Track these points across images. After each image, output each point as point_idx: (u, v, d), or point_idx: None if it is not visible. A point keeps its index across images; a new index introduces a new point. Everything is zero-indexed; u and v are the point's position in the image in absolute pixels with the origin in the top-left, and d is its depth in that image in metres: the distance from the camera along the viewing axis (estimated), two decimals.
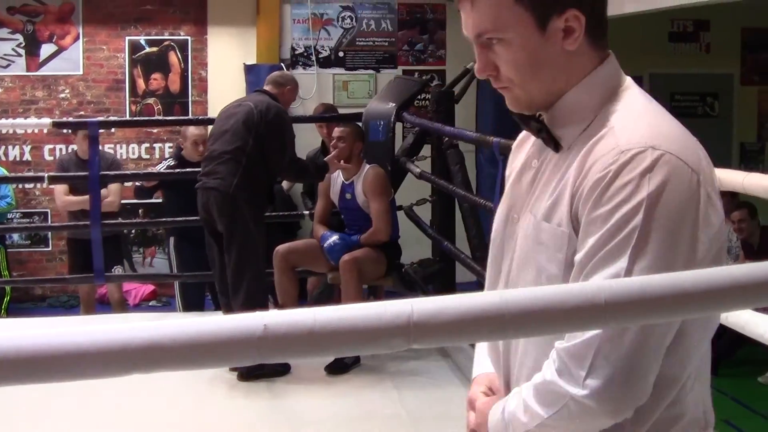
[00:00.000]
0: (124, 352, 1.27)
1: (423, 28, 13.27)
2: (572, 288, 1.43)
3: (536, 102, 2.14)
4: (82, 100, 12.49)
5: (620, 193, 1.89)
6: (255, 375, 7.10)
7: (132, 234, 12.59)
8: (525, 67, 2.07)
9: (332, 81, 13.00)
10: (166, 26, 12.68)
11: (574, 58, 2.08)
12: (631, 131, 1.96)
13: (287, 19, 12.88)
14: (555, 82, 2.09)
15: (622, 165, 1.91)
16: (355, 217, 7.94)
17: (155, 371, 1.30)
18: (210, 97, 12.68)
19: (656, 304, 1.44)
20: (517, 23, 2.03)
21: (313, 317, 1.32)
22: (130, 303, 12.00)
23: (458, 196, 7.89)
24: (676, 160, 1.90)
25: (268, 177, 7.55)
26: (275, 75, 8.09)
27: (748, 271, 1.48)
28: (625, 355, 1.87)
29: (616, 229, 1.89)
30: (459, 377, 7.17)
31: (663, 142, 1.92)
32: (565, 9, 2.02)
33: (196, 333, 1.29)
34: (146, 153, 12.59)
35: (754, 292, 1.48)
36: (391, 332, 1.32)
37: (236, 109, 7.52)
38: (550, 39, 2.04)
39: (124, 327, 1.29)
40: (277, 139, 7.40)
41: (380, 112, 9.08)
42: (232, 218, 7.18)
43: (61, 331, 1.27)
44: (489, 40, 2.09)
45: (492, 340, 2.26)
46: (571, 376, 1.91)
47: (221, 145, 7.35)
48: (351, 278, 7.39)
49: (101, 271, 8.81)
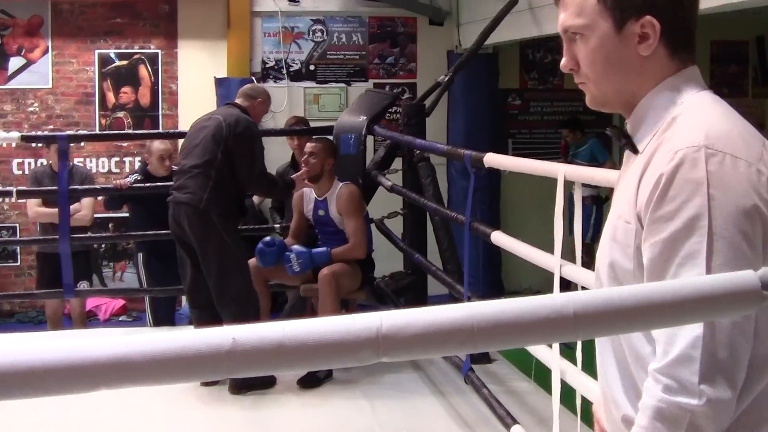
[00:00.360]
0: (92, 367, 1.26)
1: (394, 41, 13.29)
2: (541, 300, 1.43)
3: (610, 101, 2.21)
4: (52, 113, 12.43)
5: (679, 194, 1.93)
6: (246, 387, 7.15)
7: (102, 248, 12.53)
8: (599, 65, 2.14)
9: (303, 94, 13.00)
10: (136, 39, 12.64)
11: (648, 63, 2.12)
12: (688, 133, 2.00)
13: (258, 33, 12.87)
14: (627, 83, 2.15)
15: (676, 165, 1.94)
16: (329, 232, 7.93)
17: (123, 387, 1.29)
18: (180, 111, 12.65)
19: (624, 316, 1.45)
20: (596, 21, 2.12)
21: (282, 330, 1.31)
22: (100, 318, 11.96)
23: (430, 209, 7.89)
24: (731, 159, 1.93)
25: (239, 190, 7.52)
26: (246, 88, 8.10)
27: (713, 282, 1.49)
28: (726, 344, 1.88)
29: (683, 229, 1.92)
30: (431, 389, 7.18)
31: (717, 142, 1.95)
32: (643, 14, 2.08)
33: (164, 348, 1.28)
34: (116, 167, 12.53)
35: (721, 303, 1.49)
36: (359, 345, 1.32)
37: (206, 122, 7.51)
38: (626, 41, 2.11)
39: (91, 342, 1.28)
40: (246, 152, 7.39)
41: (351, 125, 9.08)
42: (205, 232, 7.17)
43: (27, 348, 1.26)
44: (573, 35, 2.18)
45: (462, 353, 2.28)
46: (684, 389, 1.90)
47: (191, 159, 7.34)
48: (329, 291, 7.38)
49: (71, 286, 8.77)
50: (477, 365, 7.04)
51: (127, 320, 12.03)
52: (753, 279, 1.49)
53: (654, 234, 1.97)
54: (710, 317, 1.66)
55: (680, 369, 1.90)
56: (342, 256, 7.64)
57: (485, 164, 5.93)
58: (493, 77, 13.05)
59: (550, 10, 9.75)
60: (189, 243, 7.31)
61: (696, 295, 1.48)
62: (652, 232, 1.97)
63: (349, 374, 7.47)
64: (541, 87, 13.77)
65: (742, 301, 1.50)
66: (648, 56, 2.11)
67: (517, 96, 13.73)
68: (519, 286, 13.14)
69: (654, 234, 1.97)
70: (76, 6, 12.43)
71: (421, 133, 8.65)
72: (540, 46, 13.55)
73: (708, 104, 2.09)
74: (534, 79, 13.75)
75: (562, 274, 4.81)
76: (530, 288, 12.84)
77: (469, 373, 6.58)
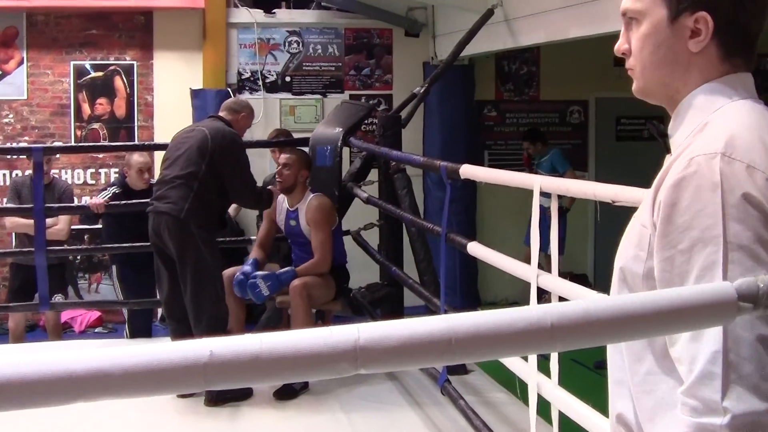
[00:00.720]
0: (69, 380, 1.26)
1: (370, 53, 13.30)
2: (519, 312, 1.43)
3: (653, 92, 2.18)
4: (27, 125, 12.40)
5: (693, 203, 1.87)
6: (222, 399, 7.12)
7: (78, 260, 12.49)
8: (648, 52, 2.11)
9: (279, 106, 13.00)
10: (111, 51, 12.62)
11: (696, 60, 2.07)
12: (710, 139, 1.94)
13: (234, 44, 12.87)
14: (673, 78, 2.10)
15: (691, 173, 1.89)
16: (300, 243, 7.94)
17: (100, 399, 1.29)
18: (156, 122, 12.64)
19: (601, 327, 1.45)
20: (652, 8, 2.08)
21: (260, 343, 1.31)
22: (75, 329, 11.91)
23: (406, 221, 7.89)
24: (747, 168, 1.87)
25: (221, 202, 7.56)
26: (230, 102, 8.12)
27: (690, 294, 1.49)
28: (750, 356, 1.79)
29: (698, 240, 1.85)
30: (408, 400, 7.17)
31: (736, 150, 1.89)
32: (698, 10, 2.03)
33: (141, 360, 1.28)
34: (92, 178, 12.51)
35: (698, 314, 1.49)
36: (337, 357, 1.32)
37: (190, 134, 7.52)
38: (677, 33, 2.06)
39: (68, 355, 1.28)
40: (234, 165, 7.42)
41: (327, 136, 9.08)
42: (184, 243, 7.17)
43: (3, 361, 1.25)
44: (630, 19, 2.15)
45: (441, 364, 2.25)
46: (708, 408, 1.81)
47: (174, 170, 7.34)
48: (301, 303, 7.37)
49: (46, 298, 8.74)
50: (454, 376, 7.05)
51: (102, 332, 11.98)
52: (729, 290, 1.49)
53: (668, 246, 1.90)
54: (687, 329, 1.66)
55: (702, 388, 1.82)
56: (307, 272, 7.61)
57: (461, 175, 5.93)
58: (468, 89, 13.08)
59: (526, 21, 9.79)
60: (168, 253, 7.31)
61: (672, 306, 1.48)
62: (665, 245, 1.91)
63: (325, 385, 7.45)
64: (517, 98, 13.79)
65: (718, 313, 1.51)
66: (697, 53, 2.06)
67: (493, 107, 13.75)
68: (495, 297, 13.16)
69: (668, 246, 1.90)
70: (52, 17, 12.41)
71: (397, 144, 8.65)
72: (516, 58, 13.58)
73: (743, 112, 2.02)
74: (510, 90, 13.77)
75: (538, 284, 4.82)
76: (506, 299, 12.85)
77: (446, 384, 6.58)
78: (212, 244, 7.42)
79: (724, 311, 1.50)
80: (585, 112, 13.98)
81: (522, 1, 9.75)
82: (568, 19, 8.94)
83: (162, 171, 7.59)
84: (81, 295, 12.37)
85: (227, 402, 7.13)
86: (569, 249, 11.69)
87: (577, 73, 13.46)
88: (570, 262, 11.94)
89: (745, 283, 1.54)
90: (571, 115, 13.94)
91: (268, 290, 7.53)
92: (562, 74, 13.51)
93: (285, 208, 7.94)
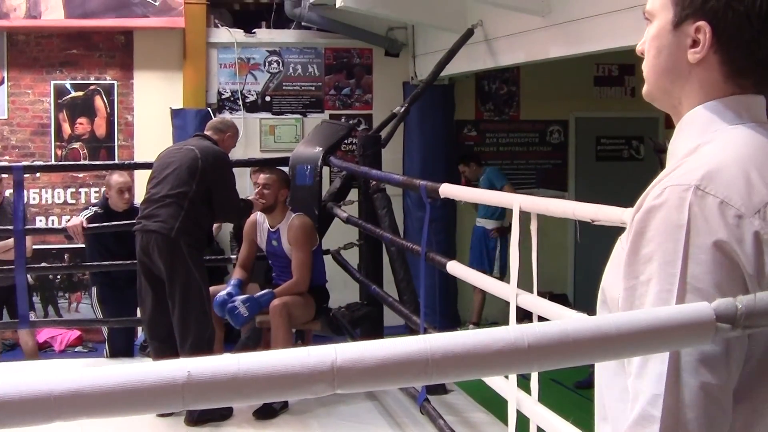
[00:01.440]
0: (48, 399, 1.26)
1: (350, 72, 13.32)
2: (496, 332, 1.43)
3: (656, 97, 2.08)
4: (7, 144, 12.38)
5: (657, 236, 1.79)
6: (202, 420, 7.11)
7: (58, 279, 12.46)
8: (651, 55, 2.04)
9: (259, 125, 13.00)
10: (91, 70, 12.62)
11: (696, 73, 1.97)
12: (691, 168, 1.83)
13: (214, 64, 12.88)
14: (673, 87, 2.01)
15: (660, 204, 1.80)
16: (281, 263, 7.94)
17: (79, 419, 1.30)
18: (136, 142, 12.63)
19: (579, 348, 1.45)
20: (661, 11, 2.01)
21: (237, 363, 1.32)
22: (55, 348, 11.87)
23: (386, 240, 7.90)
24: (720, 204, 1.76)
25: (208, 220, 7.58)
26: (216, 121, 8.18)
27: (668, 314, 1.50)
28: (693, 405, 1.71)
29: (656, 275, 1.77)
30: (387, 420, 7.16)
31: (712, 184, 1.78)
32: (699, 18, 1.92)
33: (119, 380, 1.28)
34: (72, 197, 12.48)
35: (676, 334, 1.50)
36: (314, 378, 1.32)
37: (178, 152, 7.53)
38: (679, 41, 1.97)
39: (47, 375, 1.28)
40: (223, 183, 7.46)
41: (307, 156, 9.09)
42: (174, 262, 7.16)
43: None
44: (646, 19, 2.07)
45: (417, 384, 2.22)
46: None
47: (163, 189, 7.33)
48: (281, 323, 7.37)
49: (26, 316, 8.73)
50: (433, 396, 7.04)
51: (82, 351, 11.94)
52: (707, 311, 1.50)
53: (631, 276, 1.83)
54: (665, 349, 1.64)
55: (641, 429, 1.74)
56: (286, 293, 7.62)
57: (441, 195, 5.94)
58: (448, 108, 13.10)
59: (506, 41, 9.82)
60: (155, 272, 7.29)
61: (650, 327, 1.49)
62: (629, 273, 1.83)
63: (305, 405, 7.44)
64: (497, 118, 13.81)
65: (696, 333, 1.51)
66: (698, 66, 1.95)
67: (473, 127, 13.77)
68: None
69: (631, 276, 1.83)
70: (32, 37, 12.41)
71: (377, 164, 8.66)
72: (496, 78, 13.61)
73: (738, 139, 1.90)
74: (490, 110, 13.80)
75: (518, 303, 4.83)
76: (486, 319, 12.85)
77: (425, 403, 6.58)
78: (201, 263, 7.41)
79: (701, 332, 1.50)
80: (565, 131, 14.01)
81: (502, 21, 9.78)
82: (548, 39, 8.97)
83: (149, 189, 7.56)
84: (61, 314, 12.34)
85: (207, 422, 7.11)
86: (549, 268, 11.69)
87: (557, 93, 13.50)
88: (550, 282, 11.95)
89: (723, 304, 1.53)
90: (551, 134, 13.97)
91: (247, 311, 7.51)
92: (542, 94, 13.55)
93: (266, 228, 7.95)
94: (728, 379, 1.72)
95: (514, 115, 13.82)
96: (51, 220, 12.37)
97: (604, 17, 7.84)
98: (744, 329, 1.54)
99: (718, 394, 1.71)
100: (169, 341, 7.30)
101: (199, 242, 7.38)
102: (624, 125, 14.09)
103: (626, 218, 3.75)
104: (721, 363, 1.69)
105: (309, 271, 7.78)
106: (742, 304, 1.52)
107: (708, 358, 1.68)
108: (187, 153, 7.45)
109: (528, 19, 9.10)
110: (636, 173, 13.78)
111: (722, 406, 1.72)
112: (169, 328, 7.31)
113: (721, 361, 1.69)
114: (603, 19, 7.86)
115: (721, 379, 1.71)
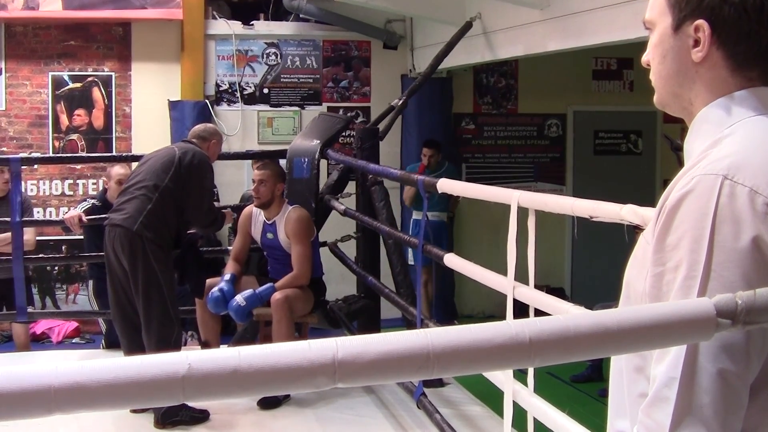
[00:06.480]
0: (47, 392, 1.26)
1: (348, 65, 13.31)
2: (497, 327, 1.43)
3: (667, 103, 2.09)
4: (5, 136, 12.36)
5: (683, 223, 1.80)
6: (172, 422, 7.00)
7: (55, 271, 12.45)
8: (656, 62, 2.05)
9: (257, 118, 12.98)
10: (89, 62, 12.59)
11: (703, 72, 1.98)
12: (717, 158, 1.84)
13: (212, 56, 12.86)
14: (682, 89, 2.02)
15: (688, 192, 1.81)
16: (277, 256, 7.93)
17: (78, 411, 1.29)
18: (134, 134, 12.60)
19: (580, 343, 1.45)
20: (660, 18, 2.03)
21: (238, 357, 1.32)
22: (53, 340, 11.86)
23: (383, 233, 7.90)
24: (749, 193, 1.77)
25: (177, 220, 7.39)
26: (199, 129, 7.98)
27: (669, 309, 1.50)
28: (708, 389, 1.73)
29: (682, 263, 1.78)
30: (384, 413, 7.17)
31: (740, 173, 1.79)
32: (697, 18, 1.95)
33: (119, 373, 1.28)
34: (70, 189, 12.46)
35: (677, 329, 1.50)
36: (315, 371, 1.33)
37: (158, 152, 7.51)
38: (681, 43, 1.99)
39: (46, 367, 1.28)
40: (199, 183, 7.39)
41: (305, 149, 9.08)
42: (134, 256, 7.07)
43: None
44: (647, 28, 2.09)
45: (418, 378, 2.20)
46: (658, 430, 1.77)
47: (135, 184, 7.30)
48: (283, 316, 7.36)
49: (24, 308, 8.72)
50: (430, 389, 7.05)
51: (80, 342, 11.92)
52: (708, 306, 1.50)
53: (659, 263, 1.82)
54: (666, 344, 1.64)
55: (656, 410, 1.77)
56: (287, 286, 7.62)
57: (438, 189, 5.94)
58: (446, 101, 13.09)
59: (504, 35, 9.81)
60: (123, 267, 7.21)
61: (651, 322, 1.48)
62: (656, 261, 1.83)
63: (303, 397, 7.44)
64: (495, 112, 13.79)
65: (697, 329, 1.51)
66: (702, 65, 1.97)
67: (471, 120, 13.75)
68: (472, 310, 13.15)
69: (659, 263, 1.82)
70: (30, 28, 12.38)
71: (374, 157, 8.66)
72: (494, 71, 13.58)
73: (757, 130, 1.91)
74: (488, 103, 13.77)
75: (515, 296, 4.83)
76: (483, 312, 12.85)
77: (422, 397, 6.57)
78: (165, 261, 7.25)
79: (702, 327, 1.50)
80: (563, 125, 13.99)
81: (500, 15, 9.77)
82: (546, 32, 8.97)
83: (124, 186, 7.54)
84: (58, 306, 12.34)
85: (177, 425, 7.02)
86: (546, 261, 11.65)
87: (555, 87, 13.49)
88: (547, 275, 11.94)
89: (724, 299, 1.52)
90: (549, 128, 13.94)
91: (249, 307, 7.49)
92: (540, 87, 13.53)
93: (261, 221, 7.93)
94: (746, 368, 1.74)
95: (512, 108, 13.80)
96: (49, 211, 12.35)
97: (602, 11, 7.84)
98: (744, 325, 1.54)
99: (736, 382, 1.72)
100: (138, 339, 7.23)
101: (163, 239, 7.23)
102: (622, 119, 14.08)
103: (624, 215, 3.79)
104: (741, 351, 1.70)
105: (310, 263, 7.76)
106: (742, 300, 1.52)
107: (728, 345, 1.70)
108: (167, 151, 7.45)
109: (526, 13, 9.10)
110: (634, 167, 13.80)
111: (739, 394, 1.74)
112: (136, 324, 7.24)
113: (741, 349, 1.70)
114: (601, 13, 7.86)
115: (740, 367, 1.72)
